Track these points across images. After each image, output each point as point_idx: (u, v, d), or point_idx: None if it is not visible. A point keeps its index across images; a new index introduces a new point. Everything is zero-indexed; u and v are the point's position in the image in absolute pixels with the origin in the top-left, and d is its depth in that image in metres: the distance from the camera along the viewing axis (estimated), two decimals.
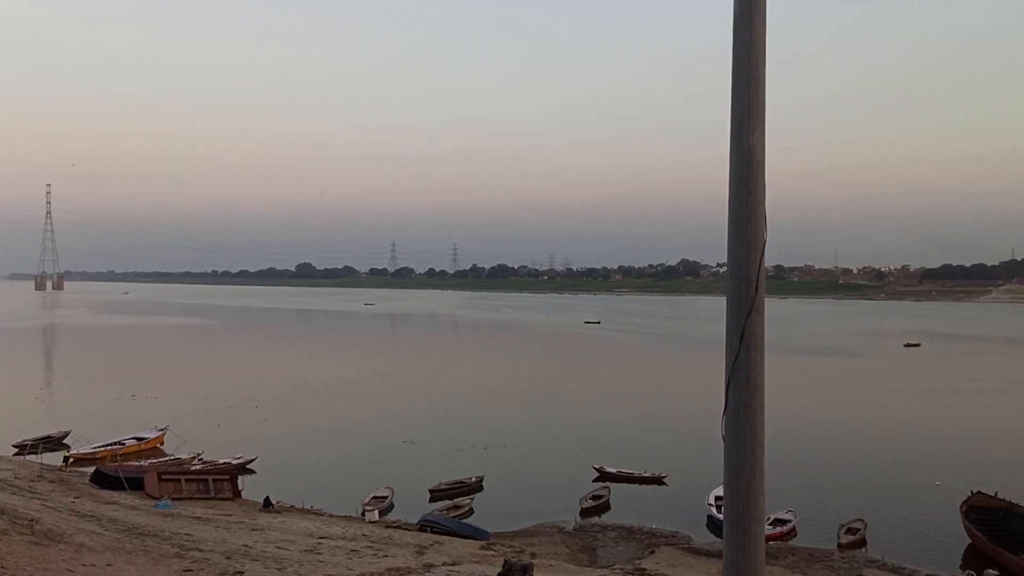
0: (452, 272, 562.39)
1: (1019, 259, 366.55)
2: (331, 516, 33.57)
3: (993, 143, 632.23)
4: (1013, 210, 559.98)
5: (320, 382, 77.13)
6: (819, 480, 40.92)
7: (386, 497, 36.56)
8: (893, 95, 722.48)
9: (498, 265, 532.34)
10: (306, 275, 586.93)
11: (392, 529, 30.73)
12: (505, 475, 41.58)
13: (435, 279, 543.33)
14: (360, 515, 33.99)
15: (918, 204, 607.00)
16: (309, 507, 35.12)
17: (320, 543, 24.99)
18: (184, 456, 43.10)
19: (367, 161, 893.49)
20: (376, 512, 34.05)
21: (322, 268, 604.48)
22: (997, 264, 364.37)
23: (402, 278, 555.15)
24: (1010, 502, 32.73)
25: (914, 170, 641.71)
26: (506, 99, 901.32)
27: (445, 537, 29.18)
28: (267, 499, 34.58)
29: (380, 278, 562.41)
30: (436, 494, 37.72)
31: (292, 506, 35.17)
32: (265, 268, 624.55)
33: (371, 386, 73.99)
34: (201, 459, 42.65)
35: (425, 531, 30.46)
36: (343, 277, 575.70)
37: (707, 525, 33.52)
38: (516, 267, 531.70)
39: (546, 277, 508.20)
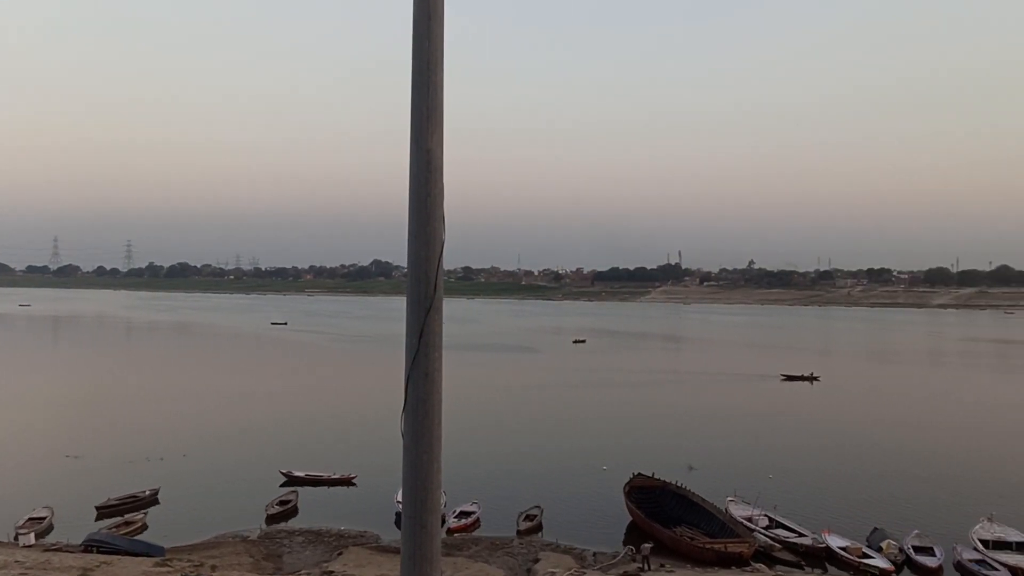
0: (126, 271, 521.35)
1: (673, 263, 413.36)
2: None
3: (654, 158, 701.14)
4: (671, 217, 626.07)
5: None
6: (501, 471, 43.18)
7: (44, 518, 33.39)
8: (571, 115, 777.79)
9: (179, 264, 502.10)
10: None
11: (51, 552, 28.14)
12: (184, 486, 39.33)
13: (106, 278, 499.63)
14: (13, 540, 30.84)
15: (592, 211, 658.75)
16: None
17: None
18: None
19: (24, 152, 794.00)
20: (32, 535, 30.98)
21: None
22: (656, 268, 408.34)
23: (66, 276, 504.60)
24: (665, 481, 36.77)
25: (588, 179, 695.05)
26: (181, 89, 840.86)
27: (114, 556, 27.27)
28: None
29: (40, 276, 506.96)
30: (104, 511, 35.02)
31: None
32: None
33: (25, 395, 66.45)
34: None
35: (91, 551, 28.39)
36: None
37: (395, 522, 33.98)
38: (199, 266, 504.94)
39: (232, 277, 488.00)
